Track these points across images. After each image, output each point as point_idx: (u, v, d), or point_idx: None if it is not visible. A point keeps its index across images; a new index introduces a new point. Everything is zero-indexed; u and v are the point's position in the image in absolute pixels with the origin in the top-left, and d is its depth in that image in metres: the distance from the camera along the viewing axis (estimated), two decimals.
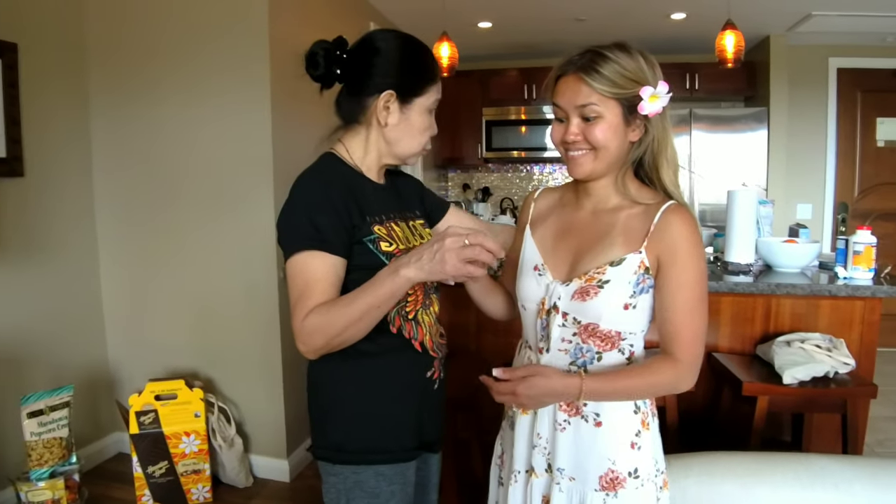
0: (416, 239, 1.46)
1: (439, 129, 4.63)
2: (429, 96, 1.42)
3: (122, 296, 3.27)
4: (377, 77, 1.37)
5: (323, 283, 1.27)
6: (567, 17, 4.70)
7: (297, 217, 1.31)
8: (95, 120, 3.17)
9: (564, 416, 1.34)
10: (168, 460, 2.85)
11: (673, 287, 1.27)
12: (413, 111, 1.41)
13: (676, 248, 1.26)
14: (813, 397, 2.30)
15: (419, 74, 1.41)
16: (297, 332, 1.27)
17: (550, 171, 6.30)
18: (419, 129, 1.43)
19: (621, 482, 1.31)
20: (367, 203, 1.38)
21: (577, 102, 1.27)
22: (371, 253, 1.33)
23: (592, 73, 1.25)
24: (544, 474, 1.38)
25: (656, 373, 1.28)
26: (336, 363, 1.36)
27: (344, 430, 1.40)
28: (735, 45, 3.60)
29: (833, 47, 5.34)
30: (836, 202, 5.50)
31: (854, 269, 2.60)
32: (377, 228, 1.36)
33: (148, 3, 3.04)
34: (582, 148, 1.30)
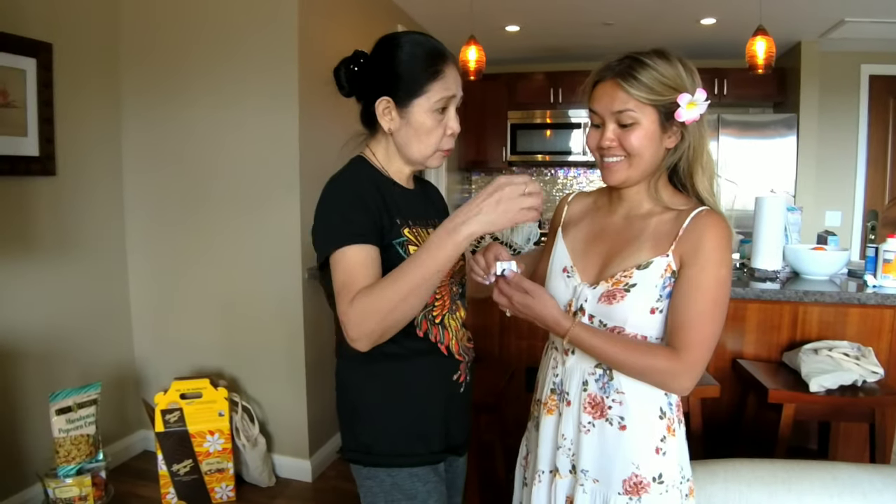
0: None
1: (464, 132, 4.62)
2: (431, 95, 1.35)
3: (150, 295, 3.32)
4: (372, 84, 1.38)
5: (364, 268, 1.24)
6: (595, 21, 4.70)
7: (330, 217, 1.30)
8: (127, 120, 3.22)
9: (589, 419, 1.34)
10: (192, 459, 2.88)
11: (688, 286, 1.26)
12: (413, 114, 1.36)
13: (700, 248, 1.25)
14: (840, 406, 2.27)
15: (414, 75, 1.35)
16: (346, 320, 1.22)
17: (575, 175, 6.28)
18: (425, 131, 1.38)
19: (645, 487, 1.30)
20: (397, 206, 1.37)
21: (614, 108, 1.28)
22: (400, 257, 1.31)
23: (630, 80, 1.25)
24: (568, 475, 1.38)
25: (650, 356, 1.25)
26: (363, 365, 1.38)
27: (372, 432, 1.39)
28: (766, 51, 3.57)
29: (866, 54, 5.27)
30: (865, 210, 5.41)
31: (884, 278, 2.56)
32: (406, 231, 1.35)
33: (180, 6, 3.09)
34: (617, 154, 1.30)
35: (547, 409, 1.42)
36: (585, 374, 1.35)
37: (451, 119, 1.40)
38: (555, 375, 1.42)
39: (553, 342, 1.47)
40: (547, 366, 1.47)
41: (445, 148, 1.43)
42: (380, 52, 1.39)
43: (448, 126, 1.40)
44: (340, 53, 1.44)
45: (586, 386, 1.35)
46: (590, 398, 1.34)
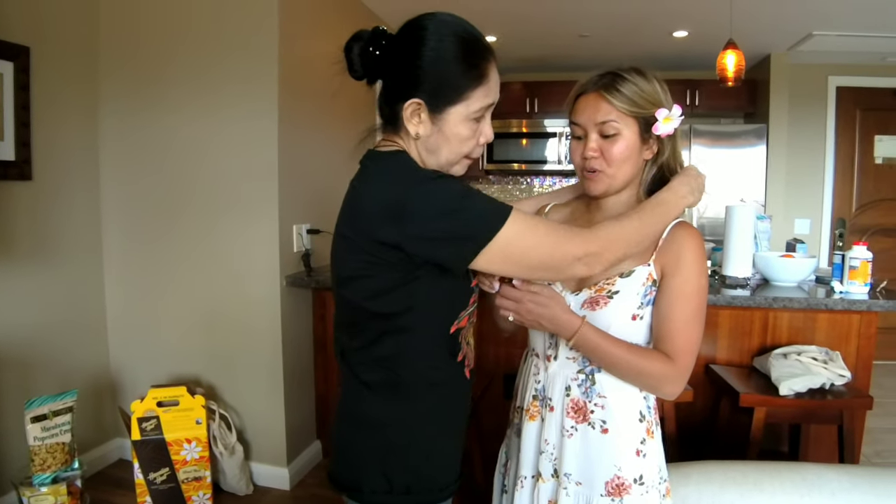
0: None
1: None
2: (470, 103, 1.18)
3: (127, 301, 3.30)
4: (403, 80, 1.18)
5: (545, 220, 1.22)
6: (572, 33, 4.76)
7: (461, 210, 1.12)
8: (105, 126, 3.20)
9: (572, 423, 1.37)
10: (169, 467, 2.86)
11: (673, 296, 1.31)
12: (448, 122, 1.19)
13: (680, 259, 1.31)
14: (810, 409, 2.33)
15: (456, 80, 1.17)
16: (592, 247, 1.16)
17: (551, 185, 6.34)
18: (459, 140, 1.21)
19: (627, 488, 1.34)
20: None
21: (598, 119, 1.33)
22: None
23: (613, 92, 1.32)
24: (551, 479, 1.40)
25: (648, 359, 1.30)
26: (392, 398, 1.25)
27: (414, 471, 1.26)
28: (736, 64, 3.65)
29: (833, 66, 5.41)
30: (834, 218, 5.54)
31: (850, 284, 2.63)
32: None
33: (161, 13, 3.08)
34: (599, 166, 1.34)
35: (529, 415, 1.44)
36: (568, 380, 1.38)
37: (486, 126, 1.25)
38: (536, 382, 1.44)
39: (533, 348, 1.49)
40: (528, 372, 1.49)
41: (475, 156, 1.29)
42: (413, 42, 1.18)
43: (483, 133, 1.25)
44: (321, 62, 1.39)
45: (569, 391, 1.38)
46: (573, 403, 1.37)
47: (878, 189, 5.50)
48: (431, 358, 1.25)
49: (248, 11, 2.97)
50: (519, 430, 1.49)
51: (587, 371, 1.37)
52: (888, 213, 5.49)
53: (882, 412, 4.10)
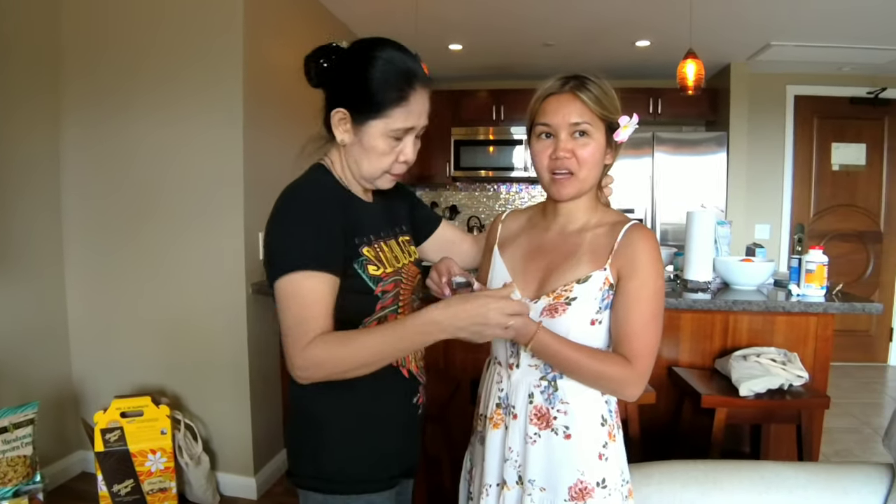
0: (405, 257, 1.43)
1: None
2: (389, 122, 1.27)
3: (89, 311, 3.25)
4: (334, 90, 1.31)
5: (321, 305, 1.20)
6: (536, 42, 4.82)
7: (288, 233, 1.22)
8: (67, 135, 3.16)
9: (535, 430, 1.38)
10: (134, 479, 2.83)
11: (630, 299, 1.33)
12: (368, 133, 1.29)
13: (636, 262, 1.33)
14: (769, 409, 2.38)
15: (377, 94, 1.26)
16: (297, 361, 1.20)
17: (517, 191, 6.39)
18: (376, 154, 1.30)
19: (590, 492, 1.35)
20: (356, 222, 1.32)
21: (571, 119, 1.33)
22: (358, 276, 1.28)
23: (587, 93, 1.33)
24: (515, 486, 1.41)
25: (607, 363, 1.31)
26: (328, 392, 1.30)
27: (337, 460, 1.34)
28: (695, 73, 3.73)
29: (791, 75, 5.56)
30: (792, 223, 5.68)
31: (807, 287, 2.70)
32: (366, 251, 1.31)
33: (124, 21, 3.06)
34: (568, 168, 1.35)
35: (493, 423, 1.44)
36: (531, 387, 1.39)
37: (407, 146, 1.33)
38: (499, 390, 1.45)
39: (496, 357, 1.50)
40: (490, 380, 1.50)
41: (396, 172, 1.36)
42: (352, 58, 1.30)
43: (402, 153, 1.33)
44: (286, 70, 1.43)
45: (532, 398, 1.39)
46: (536, 410, 1.38)
47: (835, 195, 5.66)
48: None
49: (213, 18, 2.96)
50: (483, 438, 1.49)
51: (549, 378, 1.38)
52: (844, 219, 5.65)
53: (840, 412, 4.22)
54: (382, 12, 4.08)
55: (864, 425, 4.10)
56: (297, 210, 1.25)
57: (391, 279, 1.33)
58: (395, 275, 1.35)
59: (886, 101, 5.52)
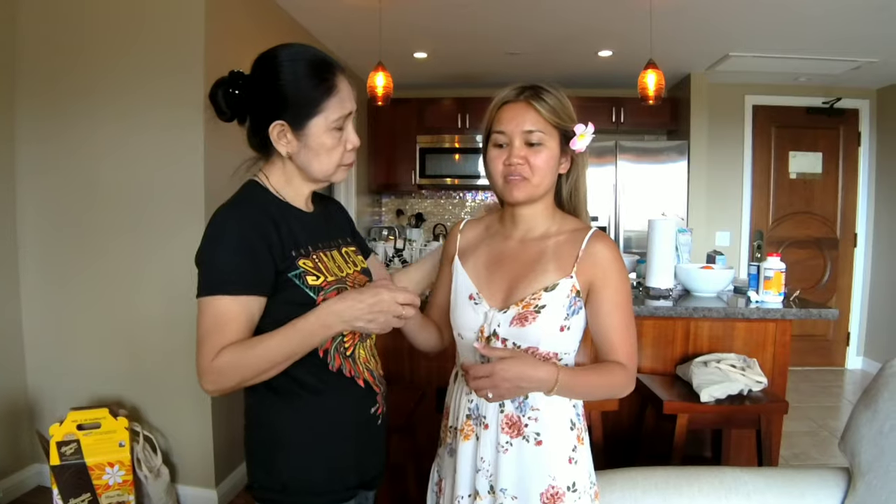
0: (349, 266, 1.42)
1: (375, 156, 4.76)
2: (328, 114, 1.29)
3: (44, 321, 3.17)
4: (260, 107, 1.30)
5: (234, 323, 1.22)
6: (500, 50, 4.85)
7: (212, 256, 1.25)
8: (21, 144, 3.09)
9: (507, 438, 1.38)
10: (91, 492, 2.76)
11: (610, 307, 1.36)
12: (311, 135, 1.29)
13: (607, 271, 1.36)
14: (729, 414, 2.42)
15: (307, 95, 1.27)
16: (204, 371, 1.23)
17: (483, 199, 6.41)
18: (326, 150, 1.31)
19: (561, 497, 1.36)
20: (293, 234, 1.31)
21: (525, 128, 1.36)
22: (296, 287, 1.28)
23: (541, 102, 1.36)
24: (487, 496, 1.40)
25: (613, 374, 1.35)
26: (281, 399, 1.32)
27: (290, 469, 1.33)
28: (656, 83, 3.79)
29: (749, 86, 5.68)
30: (752, 230, 5.79)
31: (765, 294, 2.75)
32: (303, 262, 1.30)
33: (82, 29, 3.00)
34: (521, 174, 1.37)
35: (464, 434, 1.44)
36: None
37: (350, 133, 1.35)
38: (469, 401, 1.44)
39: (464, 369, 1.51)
40: (459, 392, 1.49)
41: (347, 162, 1.38)
42: (263, 72, 1.30)
43: (349, 141, 1.35)
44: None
45: (503, 407, 1.39)
46: (507, 419, 1.38)
47: (792, 202, 5.79)
48: (299, 366, 1.28)
49: (174, 28, 2.93)
50: (452, 450, 1.48)
51: None
52: (802, 226, 5.78)
53: (799, 416, 4.30)
54: (347, 19, 4.08)
55: (821, 428, 4.19)
56: (221, 232, 1.26)
57: (333, 287, 1.32)
58: (337, 283, 1.33)
59: (841, 110, 5.68)
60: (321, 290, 1.30)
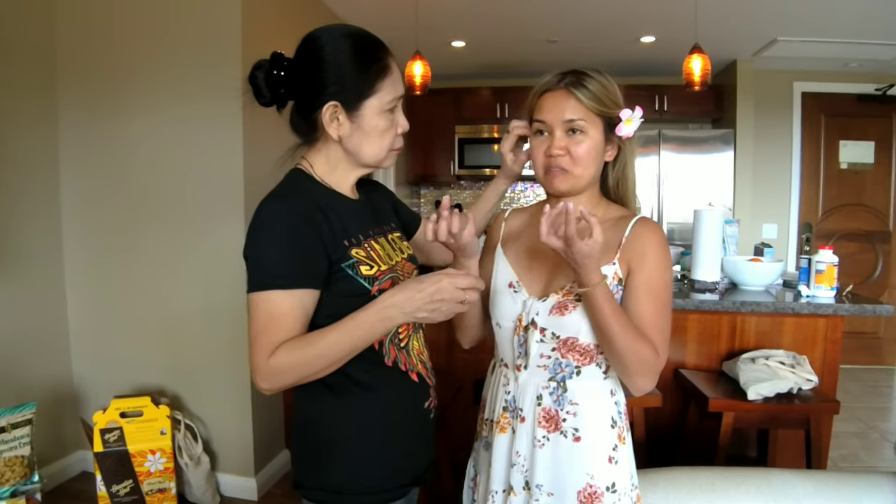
0: (398, 254, 1.38)
1: (412, 147, 4.73)
2: (382, 95, 1.26)
3: (88, 311, 3.22)
4: (314, 89, 1.25)
5: (288, 318, 1.18)
6: (539, 38, 4.77)
7: (261, 249, 1.21)
8: (65, 135, 3.14)
9: (543, 433, 1.34)
10: (133, 479, 2.80)
11: (642, 293, 1.30)
12: (365, 117, 1.26)
13: (645, 255, 1.30)
14: (777, 413, 2.34)
15: (361, 75, 1.24)
16: (260, 370, 1.17)
17: (522, 190, 6.35)
18: (379, 133, 1.28)
19: (599, 497, 1.32)
20: (343, 223, 1.27)
21: (566, 117, 1.31)
22: (350, 278, 1.24)
23: (582, 89, 1.30)
24: (522, 492, 1.37)
25: (642, 342, 1.26)
26: (335, 398, 1.29)
27: (346, 471, 1.29)
28: (702, 68, 3.68)
29: (798, 72, 5.49)
30: (800, 222, 5.62)
31: (816, 288, 2.66)
32: (355, 252, 1.26)
33: (120, 21, 3.03)
34: (564, 164, 1.32)
35: (500, 427, 1.41)
36: (539, 389, 1.36)
37: (400, 117, 1.33)
38: (506, 393, 1.41)
39: (502, 359, 1.46)
40: (496, 384, 1.46)
41: (397, 147, 1.35)
42: (312, 53, 1.26)
43: (399, 124, 1.33)
44: None
45: (540, 400, 1.35)
46: (544, 412, 1.35)
47: (843, 194, 5.60)
48: (353, 362, 1.24)
49: (211, 17, 2.93)
50: (488, 444, 1.46)
51: (558, 379, 1.35)
52: (852, 218, 5.59)
53: (848, 417, 4.17)
54: (383, 8, 4.04)
55: (871, 430, 4.06)
56: (269, 224, 1.22)
57: (387, 277, 1.29)
58: (390, 272, 1.30)
59: (894, 98, 5.46)
60: (375, 280, 1.26)
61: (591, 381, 1.35)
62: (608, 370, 1.37)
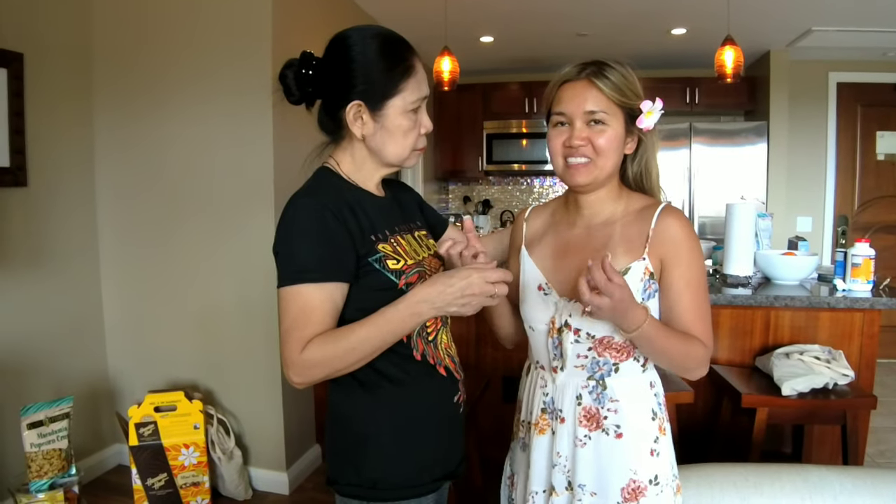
0: (424, 251, 1.39)
1: (441, 142, 4.72)
2: (405, 95, 1.28)
3: (124, 307, 3.28)
4: (339, 88, 1.28)
5: (319, 312, 1.20)
6: (569, 31, 4.74)
7: (291, 244, 1.23)
8: (100, 133, 3.19)
9: (585, 432, 1.34)
10: (167, 472, 2.85)
11: (682, 286, 1.29)
12: (388, 116, 1.28)
13: (679, 248, 1.30)
14: (812, 409, 2.30)
15: (385, 75, 1.26)
16: (293, 364, 1.19)
17: (551, 185, 6.32)
18: (402, 133, 1.30)
19: (643, 491, 1.32)
20: (370, 219, 1.29)
21: (587, 108, 1.29)
22: (378, 272, 1.26)
23: (604, 80, 1.29)
24: (565, 493, 1.36)
25: (693, 344, 1.28)
26: (366, 392, 1.30)
27: (380, 466, 1.31)
28: (734, 60, 3.63)
29: (833, 62, 5.37)
30: (836, 215, 5.50)
31: (853, 282, 2.61)
32: (382, 247, 1.28)
33: (154, 20, 3.07)
34: (585, 155, 1.30)
35: (538, 429, 1.40)
36: (578, 389, 1.35)
37: (423, 117, 1.34)
38: (544, 394, 1.40)
39: (537, 361, 1.45)
40: (534, 385, 1.45)
41: (420, 146, 1.36)
42: (340, 52, 1.28)
43: (422, 125, 1.34)
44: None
45: (580, 399, 1.35)
46: (584, 411, 1.34)
47: (880, 186, 5.47)
48: (382, 357, 1.25)
49: (242, 15, 2.96)
50: (525, 445, 1.45)
51: (597, 377, 1.34)
52: (889, 211, 5.45)
53: (886, 412, 4.08)
54: (412, 4, 4.05)
55: None
56: (299, 220, 1.24)
57: (414, 271, 1.30)
58: (417, 266, 1.31)
59: None
60: (402, 274, 1.28)
61: (631, 376, 1.35)
62: (646, 363, 1.36)
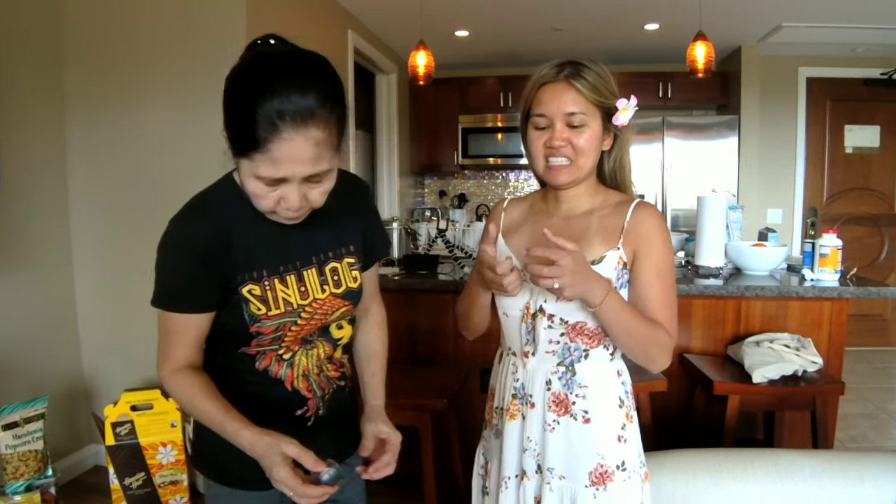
0: (323, 291, 1.27)
1: (417, 137, 4.71)
2: (254, 165, 1.04)
3: (98, 305, 3.24)
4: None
5: (182, 335, 1.23)
6: (544, 26, 4.77)
7: (157, 268, 1.22)
8: (73, 133, 3.15)
9: (554, 417, 1.36)
10: (145, 472, 2.83)
11: (652, 276, 1.33)
12: (241, 169, 1.10)
13: (652, 240, 1.33)
14: (783, 396, 2.35)
15: (238, 131, 1.06)
16: (160, 377, 1.24)
17: (526, 178, 6.35)
18: (251, 193, 1.10)
19: (610, 476, 1.35)
20: (247, 254, 1.19)
21: (567, 109, 1.31)
22: (238, 308, 1.19)
23: (582, 80, 1.31)
24: (535, 476, 1.39)
25: (658, 331, 1.31)
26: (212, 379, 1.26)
27: (210, 445, 1.27)
28: (706, 55, 3.67)
29: (803, 57, 5.46)
30: (805, 207, 5.61)
31: (821, 272, 2.66)
32: (247, 290, 1.19)
33: (127, 22, 3.04)
34: (565, 156, 1.33)
35: (510, 414, 1.43)
36: (548, 374, 1.38)
37: (288, 194, 1.08)
38: (515, 380, 1.42)
39: (509, 347, 1.47)
40: (505, 372, 1.47)
41: (285, 217, 1.14)
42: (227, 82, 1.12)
43: (283, 200, 1.09)
44: None
45: (550, 385, 1.37)
46: (554, 396, 1.37)
47: (849, 178, 5.58)
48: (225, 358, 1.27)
49: (216, 11, 2.95)
50: (498, 432, 1.47)
51: (567, 363, 1.37)
52: (858, 202, 5.57)
53: (855, 398, 4.17)
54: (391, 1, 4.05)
55: (879, 410, 4.06)
56: (164, 246, 1.22)
57: (275, 322, 1.21)
58: (284, 316, 1.22)
59: None
60: (258, 322, 1.19)
61: (599, 363, 1.38)
62: (615, 352, 1.39)
